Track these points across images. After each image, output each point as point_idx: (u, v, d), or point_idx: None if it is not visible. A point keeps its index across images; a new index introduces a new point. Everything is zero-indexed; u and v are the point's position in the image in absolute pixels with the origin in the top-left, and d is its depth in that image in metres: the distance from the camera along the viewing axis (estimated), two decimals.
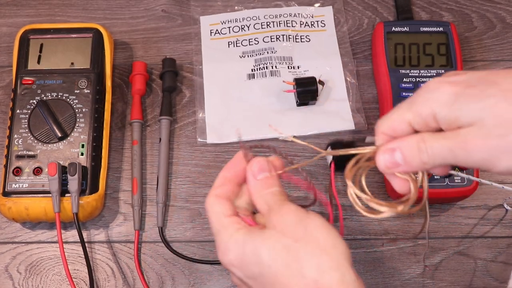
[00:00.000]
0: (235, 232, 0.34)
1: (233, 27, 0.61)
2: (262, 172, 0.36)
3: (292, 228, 0.32)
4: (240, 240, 0.33)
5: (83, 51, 0.54)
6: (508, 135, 0.28)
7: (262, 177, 0.36)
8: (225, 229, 0.34)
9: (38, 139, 0.51)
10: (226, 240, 0.34)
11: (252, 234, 0.33)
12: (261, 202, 0.35)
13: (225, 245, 0.34)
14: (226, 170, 0.37)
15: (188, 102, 0.57)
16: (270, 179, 0.36)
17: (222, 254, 0.34)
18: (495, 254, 0.51)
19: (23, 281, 0.50)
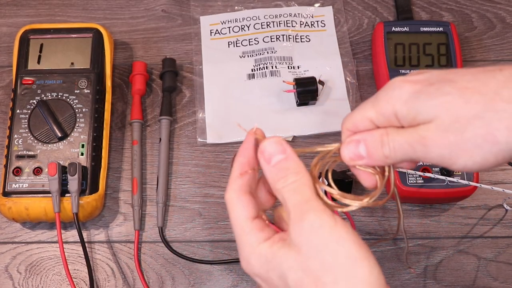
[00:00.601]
0: (258, 245, 0.31)
1: (233, 27, 0.61)
2: (275, 155, 0.31)
3: (318, 253, 0.28)
4: (263, 256, 0.30)
5: (83, 51, 0.54)
6: (464, 132, 0.28)
7: (276, 161, 0.31)
8: (247, 238, 0.31)
9: (38, 139, 0.51)
10: (249, 252, 0.31)
11: (277, 253, 0.30)
12: (281, 197, 0.31)
13: (247, 257, 0.31)
14: (240, 155, 0.33)
15: (188, 102, 0.57)
16: (286, 161, 0.31)
17: (245, 264, 0.32)
18: (495, 254, 0.51)
19: (23, 281, 0.50)
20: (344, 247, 0.28)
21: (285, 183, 0.30)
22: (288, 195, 0.30)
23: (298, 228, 0.29)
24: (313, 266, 0.28)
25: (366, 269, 0.28)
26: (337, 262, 0.28)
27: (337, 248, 0.28)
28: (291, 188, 0.30)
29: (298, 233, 0.29)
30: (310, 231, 0.29)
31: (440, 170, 0.49)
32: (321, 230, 0.29)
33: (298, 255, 0.29)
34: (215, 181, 0.54)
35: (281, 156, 0.31)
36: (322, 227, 0.29)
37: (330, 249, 0.28)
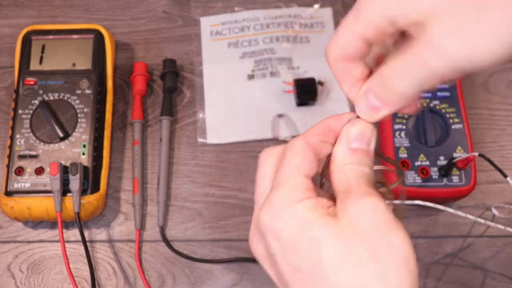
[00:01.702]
0: (299, 201, 0.26)
1: (233, 28, 0.61)
2: (360, 140, 0.28)
3: (373, 235, 0.25)
4: (300, 217, 0.26)
5: (84, 52, 0.55)
6: (486, 12, 0.21)
7: (357, 146, 0.28)
8: (288, 187, 0.26)
9: (40, 139, 0.51)
10: (282, 204, 0.26)
11: (319, 220, 0.25)
12: (342, 176, 0.27)
13: (277, 209, 0.26)
14: (333, 119, 0.29)
15: (189, 103, 0.58)
16: (365, 154, 0.28)
17: (269, 217, 0.26)
18: (494, 253, 0.51)
19: (25, 280, 0.51)
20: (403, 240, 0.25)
21: (354, 166, 0.27)
22: (353, 175, 0.27)
23: (358, 202, 0.26)
24: (362, 249, 0.24)
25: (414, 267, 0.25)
26: (390, 253, 0.24)
27: (396, 237, 0.25)
28: (359, 173, 0.27)
29: (357, 206, 0.25)
30: (374, 210, 0.25)
31: (438, 170, 0.50)
32: (386, 214, 0.25)
33: (348, 229, 0.25)
34: (215, 180, 0.54)
35: (363, 145, 0.28)
36: (387, 212, 0.25)
37: (390, 234, 0.25)
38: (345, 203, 0.26)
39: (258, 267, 0.51)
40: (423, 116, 0.52)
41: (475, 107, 0.57)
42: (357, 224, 0.25)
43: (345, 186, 0.27)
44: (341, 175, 0.27)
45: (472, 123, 0.55)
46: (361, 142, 0.28)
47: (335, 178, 0.28)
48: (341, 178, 0.27)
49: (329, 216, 0.26)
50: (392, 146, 0.51)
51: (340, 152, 0.28)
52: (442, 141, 0.51)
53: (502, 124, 0.56)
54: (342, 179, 0.27)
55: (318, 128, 0.29)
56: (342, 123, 0.29)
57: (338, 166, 0.28)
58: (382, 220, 0.25)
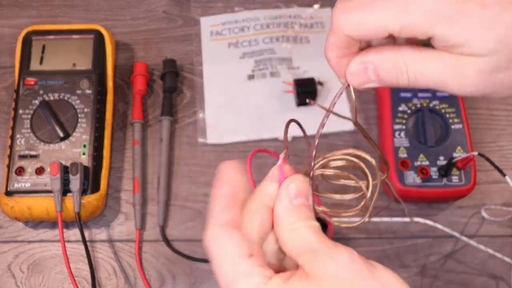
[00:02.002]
0: (265, 284, 0.24)
1: (233, 28, 0.61)
2: (301, 196, 0.27)
3: (365, 280, 0.24)
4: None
5: (84, 52, 0.55)
6: None
7: (300, 202, 0.27)
8: (248, 280, 0.25)
9: (41, 139, 0.51)
10: None
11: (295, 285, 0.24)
12: (296, 236, 0.26)
13: None
14: (222, 187, 0.28)
15: (189, 103, 0.58)
16: (308, 208, 0.27)
17: None
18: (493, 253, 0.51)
19: (25, 280, 0.51)
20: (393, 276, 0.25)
21: (304, 222, 0.26)
22: (309, 233, 0.26)
23: (331, 257, 0.25)
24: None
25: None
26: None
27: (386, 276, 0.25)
28: (314, 229, 0.26)
29: (331, 261, 0.25)
30: (350, 260, 0.25)
31: (438, 170, 0.50)
32: (363, 261, 0.25)
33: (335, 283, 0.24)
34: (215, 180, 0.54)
35: (305, 201, 0.27)
36: (363, 259, 0.25)
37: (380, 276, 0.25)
38: (319, 262, 0.25)
39: None
40: (423, 116, 0.52)
41: (474, 107, 0.57)
42: (341, 276, 0.24)
43: (306, 246, 0.26)
44: (294, 235, 0.26)
45: (471, 123, 0.55)
46: (302, 197, 0.27)
47: (287, 239, 0.26)
48: (295, 238, 0.26)
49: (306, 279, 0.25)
50: (391, 146, 0.51)
51: (283, 211, 0.27)
52: (441, 141, 0.51)
53: (501, 124, 0.56)
54: (298, 239, 0.26)
55: (219, 203, 0.28)
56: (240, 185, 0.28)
57: (287, 226, 0.26)
58: (363, 265, 0.25)
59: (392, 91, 0.54)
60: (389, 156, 0.51)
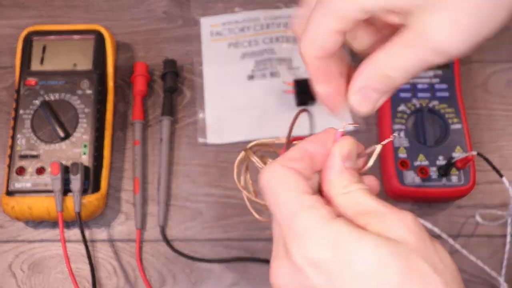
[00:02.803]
0: (332, 219, 0.24)
1: (233, 29, 0.61)
2: (351, 159, 0.27)
3: (426, 248, 0.24)
4: (344, 234, 0.23)
5: (85, 52, 0.55)
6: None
7: (350, 165, 0.27)
8: (312, 210, 0.24)
9: (41, 139, 0.51)
10: (318, 226, 0.23)
11: (368, 239, 0.23)
12: (351, 199, 0.26)
13: (317, 234, 0.23)
14: (309, 142, 0.28)
15: (189, 103, 0.58)
16: (356, 172, 0.27)
17: (303, 248, 0.24)
18: (492, 253, 0.52)
19: (26, 279, 0.51)
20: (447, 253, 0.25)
21: (358, 186, 0.26)
22: (364, 196, 0.26)
23: (397, 223, 0.24)
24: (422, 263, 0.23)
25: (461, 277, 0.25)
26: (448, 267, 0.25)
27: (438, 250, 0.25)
28: (367, 192, 0.26)
29: (399, 227, 0.24)
30: (412, 228, 0.24)
31: (437, 170, 0.50)
32: (421, 231, 0.25)
33: (403, 245, 0.23)
34: (215, 180, 0.55)
35: (354, 165, 0.27)
36: (422, 229, 0.25)
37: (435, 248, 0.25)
38: (385, 224, 0.24)
39: (258, 266, 0.51)
40: (422, 116, 0.52)
41: (474, 107, 0.57)
42: (409, 240, 0.24)
43: (364, 208, 0.25)
44: (348, 197, 0.26)
45: (471, 123, 0.55)
46: (352, 160, 0.27)
47: (342, 201, 0.26)
48: (350, 201, 0.26)
49: (375, 234, 0.24)
50: (391, 146, 0.51)
51: (336, 173, 0.26)
52: (441, 141, 0.51)
53: (501, 124, 0.57)
54: (353, 201, 0.26)
55: (295, 153, 0.27)
56: (319, 146, 0.27)
57: (340, 189, 0.26)
58: (425, 232, 0.25)
59: None
60: (388, 156, 0.51)
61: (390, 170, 0.50)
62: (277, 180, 0.26)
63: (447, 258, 0.25)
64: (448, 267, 0.24)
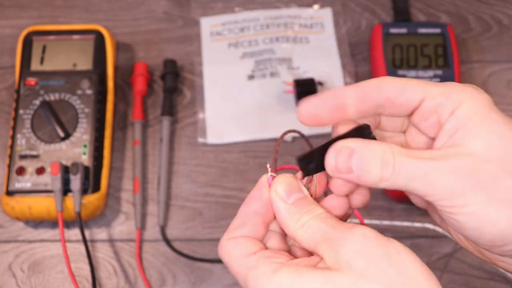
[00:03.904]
0: (273, 272, 0.24)
1: (233, 29, 0.61)
2: (292, 193, 0.27)
3: (379, 267, 0.23)
4: (286, 281, 0.24)
5: (85, 52, 0.55)
6: None
7: (295, 198, 0.27)
8: (255, 272, 0.25)
9: (41, 139, 0.51)
10: (263, 284, 0.24)
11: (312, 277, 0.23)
12: (307, 232, 0.26)
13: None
14: (246, 205, 0.28)
15: (189, 103, 0.58)
16: (304, 199, 0.27)
17: None
18: None
19: (26, 279, 0.51)
20: (405, 254, 0.24)
21: (312, 214, 0.26)
22: (318, 223, 0.26)
23: (344, 241, 0.24)
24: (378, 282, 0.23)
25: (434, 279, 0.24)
26: (408, 277, 0.23)
27: (399, 255, 0.23)
28: (322, 217, 0.26)
29: (346, 246, 0.24)
30: (365, 239, 0.24)
31: None
32: (377, 238, 0.24)
33: (350, 274, 0.23)
34: (215, 180, 0.55)
35: (300, 194, 0.27)
36: (377, 235, 0.24)
37: (392, 257, 0.23)
38: (333, 250, 0.24)
39: None
40: None
41: None
42: (355, 266, 0.23)
43: (320, 237, 0.25)
44: (304, 230, 0.26)
45: None
46: (294, 192, 0.27)
47: (299, 236, 0.26)
48: (306, 232, 0.26)
49: (321, 271, 0.24)
50: None
51: (284, 215, 0.26)
52: None
53: None
54: (309, 232, 0.26)
55: (236, 220, 0.28)
56: (256, 203, 0.27)
57: (294, 225, 0.26)
58: (377, 248, 0.24)
59: None
60: None
61: None
62: (226, 254, 0.27)
63: (408, 265, 0.23)
64: (408, 277, 0.23)
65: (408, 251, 0.24)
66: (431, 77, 0.54)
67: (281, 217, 0.27)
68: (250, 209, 0.27)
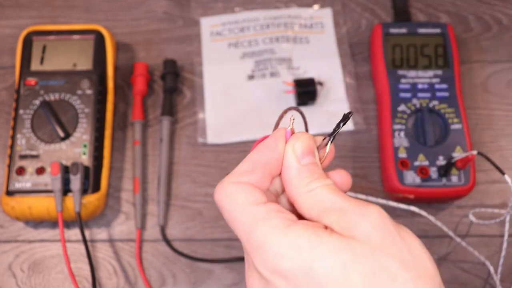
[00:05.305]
0: (287, 228, 0.23)
1: (233, 29, 0.61)
2: (308, 155, 0.26)
3: (393, 244, 0.23)
4: (304, 245, 0.22)
5: (85, 52, 0.55)
6: None
7: (308, 161, 0.26)
8: (265, 222, 0.23)
9: (41, 139, 0.51)
10: (274, 239, 0.23)
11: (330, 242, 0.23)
12: (314, 198, 0.25)
13: (274, 248, 0.23)
14: (258, 152, 0.26)
15: (189, 103, 0.58)
16: (317, 166, 0.26)
17: (265, 259, 0.23)
18: (492, 253, 0.52)
19: (26, 279, 0.51)
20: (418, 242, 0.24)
21: (322, 182, 0.25)
22: (329, 193, 0.25)
23: (361, 220, 0.23)
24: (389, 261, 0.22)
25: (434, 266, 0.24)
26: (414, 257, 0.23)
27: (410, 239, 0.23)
28: (332, 188, 0.25)
29: (362, 219, 0.23)
30: (382, 219, 0.23)
31: (437, 170, 0.50)
32: (391, 220, 0.24)
33: (367, 245, 0.23)
34: (215, 180, 0.55)
35: (314, 159, 0.26)
36: (391, 219, 0.24)
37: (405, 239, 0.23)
38: (350, 221, 0.23)
39: None
40: (422, 116, 0.52)
41: (474, 107, 0.57)
42: (373, 238, 0.23)
43: (329, 206, 0.24)
44: (311, 196, 0.25)
45: (471, 123, 0.56)
46: (310, 156, 0.26)
47: (304, 201, 0.25)
48: (314, 199, 0.25)
49: (337, 236, 0.23)
50: (391, 146, 0.51)
51: (294, 173, 0.26)
52: (441, 141, 0.51)
53: (501, 124, 0.57)
54: (316, 199, 0.25)
55: (244, 167, 0.26)
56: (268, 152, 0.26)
57: (302, 188, 0.25)
58: (392, 226, 0.23)
59: (391, 91, 0.54)
60: (388, 156, 0.51)
61: (390, 170, 0.50)
62: (228, 198, 0.25)
63: (418, 248, 0.23)
64: (418, 259, 0.23)
65: (417, 237, 0.24)
66: (431, 77, 0.54)
67: (290, 176, 0.26)
68: (262, 157, 0.26)
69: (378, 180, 0.54)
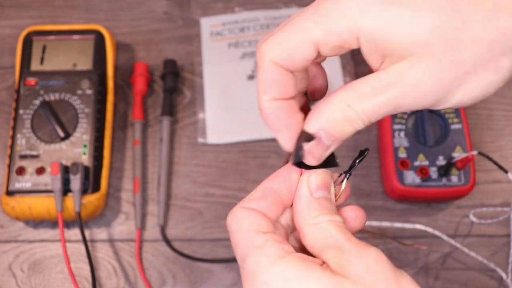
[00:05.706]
0: (279, 259, 0.23)
1: (233, 29, 0.61)
2: (322, 189, 0.26)
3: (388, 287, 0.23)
4: (290, 273, 0.23)
5: (85, 52, 0.55)
6: (463, 63, 0.21)
7: (321, 195, 0.26)
8: (259, 251, 0.24)
9: (41, 139, 0.51)
10: (264, 268, 0.23)
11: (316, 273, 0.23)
12: (319, 231, 0.25)
13: (262, 277, 0.23)
14: (271, 181, 0.27)
15: (189, 103, 0.58)
16: (329, 202, 0.26)
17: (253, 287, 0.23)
18: (492, 253, 0.52)
19: (26, 279, 0.51)
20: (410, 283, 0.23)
21: (330, 218, 0.25)
22: (334, 229, 0.25)
23: (357, 256, 0.23)
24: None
25: None
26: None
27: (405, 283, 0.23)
28: (339, 225, 0.25)
29: (358, 260, 0.23)
30: (380, 262, 0.23)
31: (437, 170, 0.50)
32: (391, 265, 0.24)
33: (359, 285, 0.22)
34: (215, 180, 0.55)
35: (327, 195, 0.26)
36: (390, 263, 0.24)
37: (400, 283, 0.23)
38: (346, 261, 0.23)
39: None
40: (422, 116, 0.52)
41: (474, 107, 0.57)
42: (365, 280, 0.22)
43: (331, 242, 0.24)
44: (316, 229, 0.25)
45: (471, 123, 0.56)
46: (324, 190, 0.26)
47: (309, 233, 0.25)
48: (318, 233, 0.25)
49: (330, 272, 0.23)
50: (391, 146, 0.51)
51: (304, 204, 0.26)
52: (441, 141, 0.51)
53: (501, 124, 0.57)
54: (321, 234, 0.25)
55: (256, 193, 0.26)
56: (280, 181, 0.26)
57: (309, 220, 0.25)
58: (390, 271, 0.23)
59: None
60: (388, 156, 0.51)
61: (390, 170, 0.50)
62: (234, 222, 0.26)
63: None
64: None
65: (417, 285, 0.24)
66: None
67: (300, 206, 0.26)
68: (273, 185, 0.26)
69: (378, 180, 0.54)
